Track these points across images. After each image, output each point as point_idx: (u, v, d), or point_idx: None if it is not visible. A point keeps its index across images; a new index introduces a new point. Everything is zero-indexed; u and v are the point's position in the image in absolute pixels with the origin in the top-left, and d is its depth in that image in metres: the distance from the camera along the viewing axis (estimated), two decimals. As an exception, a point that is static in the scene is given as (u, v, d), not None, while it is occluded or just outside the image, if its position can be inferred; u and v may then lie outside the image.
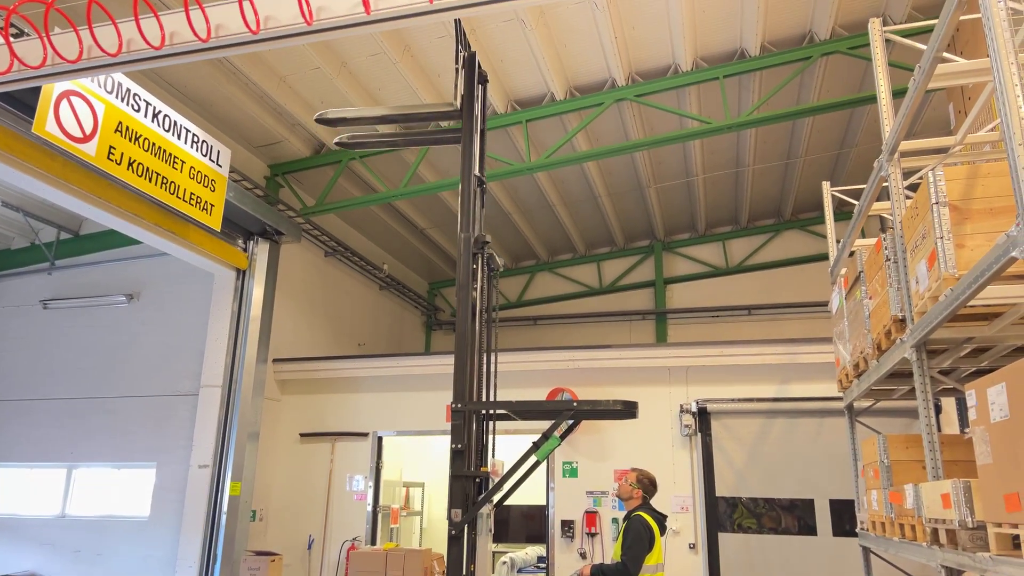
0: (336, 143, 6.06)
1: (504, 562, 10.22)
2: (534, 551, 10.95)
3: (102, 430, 10.79)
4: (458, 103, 5.53)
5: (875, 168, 5.74)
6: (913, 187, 6.09)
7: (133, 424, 10.66)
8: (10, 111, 6.85)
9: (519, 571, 10.25)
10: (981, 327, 4.58)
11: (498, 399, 5.80)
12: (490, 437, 5.63)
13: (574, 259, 16.17)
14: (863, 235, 8.17)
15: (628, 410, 5.21)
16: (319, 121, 5.80)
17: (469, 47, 5.82)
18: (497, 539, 12.04)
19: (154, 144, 7.67)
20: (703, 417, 9.28)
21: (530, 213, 13.87)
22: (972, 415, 3.60)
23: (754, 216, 14.78)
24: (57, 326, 11.64)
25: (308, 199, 11.75)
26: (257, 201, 9.99)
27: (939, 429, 6.22)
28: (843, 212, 12.90)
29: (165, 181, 7.81)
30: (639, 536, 4.84)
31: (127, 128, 7.30)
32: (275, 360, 10.75)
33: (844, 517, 8.51)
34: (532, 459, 5.15)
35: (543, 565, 10.00)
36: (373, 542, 10.19)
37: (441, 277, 16.91)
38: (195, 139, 8.33)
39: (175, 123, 8.02)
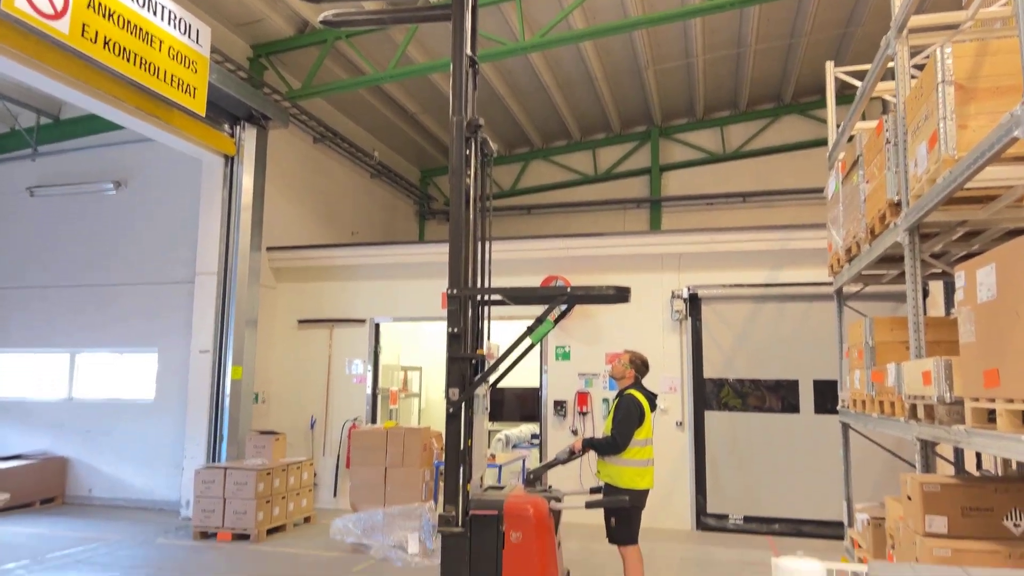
0: (321, 21, 5.77)
1: (500, 439, 10.68)
2: (528, 429, 11.43)
3: (102, 317, 10.94)
4: None
5: (882, 46, 5.55)
6: (920, 68, 5.91)
7: (132, 311, 10.79)
8: (-26, -15, 6.45)
9: (513, 447, 10.74)
10: (976, 210, 4.58)
11: (493, 286, 5.85)
12: (485, 322, 5.74)
13: (569, 146, 15.88)
14: (864, 118, 8.01)
15: (620, 295, 5.28)
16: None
17: None
18: (492, 419, 12.53)
19: (129, 22, 7.31)
20: (694, 303, 9.45)
21: (524, 96, 13.48)
22: (959, 296, 3.66)
23: (754, 100, 14.41)
24: (46, 214, 11.53)
25: (294, 82, 11.36)
26: (241, 84, 9.65)
27: (925, 312, 6.35)
28: (845, 96, 12.57)
29: (144, 62, 7.50)
30: (629, 412, 5.04)
31: (100, 4, 6.93)
32: (269, 248, 10.75)
33: (826, 396, 8.85)
34: (526, 342, 5.27)
35: (536, 441, 10.47)
36: (373, 422, 10.60)
37: (433, 165, 16.65)
38: (172, 16, 7.93)
39: (150, -2, 7.60)
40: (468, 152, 5.33)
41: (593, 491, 5.39)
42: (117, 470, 10.52)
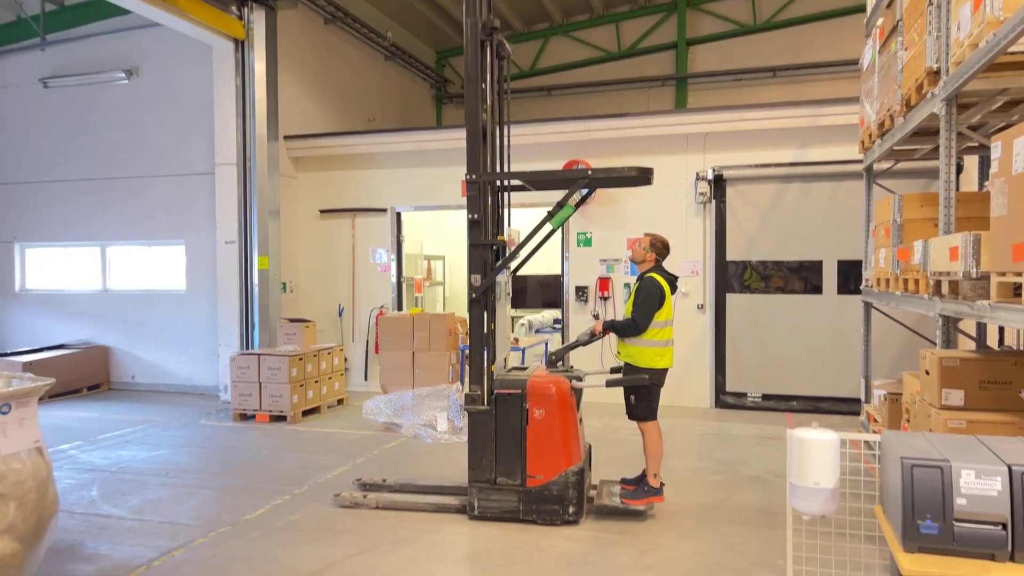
0: None
1: (523, 324, 10.88)
2: (550, 314, 11.61)
3: (127, 210, 11.06)
4: None
5: None
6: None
7: (156, 203, 10.89)
8: None
9: (536, 331, 10.96)
10: (1018, 76, 4.34)
11: (513, 171, 5.77)
12: (506, 209, 5.70)
13: (591, 20, 15.12)
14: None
15: (642, 176, 5.18)
16: None
17: None
18: (515, 305, 12.72)
19: None
20: (718, 184, 9.27)
21: (542, -32, 12.73)
22: (994, 168, 3.54)
23: (788, -36, 13.47)
24: (62, 106, 11.43)
25: (301, -42, 10.80)
26: (246, -38, 9.21)
27: (958, 188, 6.16)
28: (888, -44, 11.67)
29: (143, -60, 7.15)
30: (650, 294, 5.06)
31: None
32: (286, 137, 10.63)
33: (850, 277, 8.80)
34: (547, 227, 5.25)
35: (558, 326, 10.65)
36: (399, 309, 10.82)
37: (449, 45, 16.02)
38: None
39: None
40: (484, 57, 5.07)
41: (614, 371, 5.52)
42: (157, 357, 10.98)
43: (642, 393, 5.12)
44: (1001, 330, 7.64)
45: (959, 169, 8.05)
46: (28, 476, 3.45)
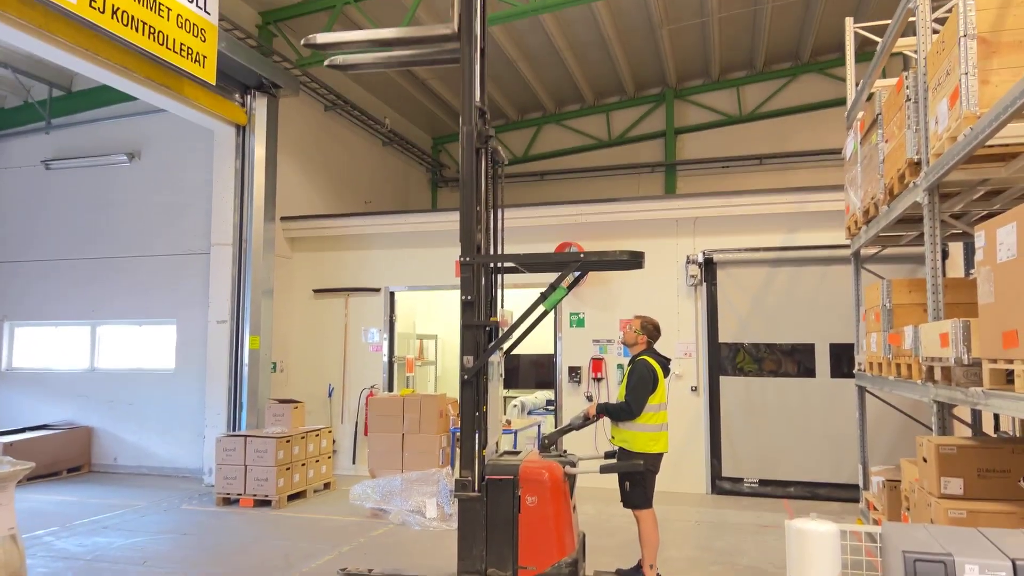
0: (328, 65, 5.70)
1: (515, 405, 10.76)
2: (543, 395, 11.50)
3: (121, 289, 11.07)
4: (456, 25, 5.05)
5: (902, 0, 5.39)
6: (941, 22, 5.74)
7: (150, 282, 10.91)
8: (-20, -44, 6.42)
9: (529, 413, 10.82)
10: (997, 168, 4.48)
11: (506, 253, 5.83)
12: (499, 290, 5.74)
13: (582, 110, 15.66)
14: (884, 76, 7.83)
15: (634, 260, 5.24)
16: (307, 46, 5.42)
17: None
18: (508, 386, 12.62)
19: (136, -10, 7.24)
20: (709, 267, 9.39)
21: (536, 60, 13.27)
22: (979, 256, 3.60)
23: (771, 59, 14.10)
24: (61, 187, 11.61)
25: (303, 50, 11.24)
26: (251, 52, 9.58)
27: (944, 274, 6.27)
28: (864, 53, 12.27)
29: (152, 31, 7.45)
30: (643, 378, 5.04)
31: (106, -27, 6.86)
32: (283, 218, 10.78)
33: (843, 360, 8.80)
34: (540, 309, 5.26)
35: (551, 407, 10.53)
36: (390, 389, 10.71)
37: (445, 131, 16.51)
38: (179, -16, 7.84)
39: (156, -34, 7.52)
40: (479, 163, 5.26)
41: (608, 456, 5.43)
42: (141, 439, 10.74)
43: (637, 479, 5.01)
44: (996, 416, 7.60)
45: (944, 255, 8.21)
46: (0, 565, 3.31)
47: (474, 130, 5.10)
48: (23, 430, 10.46)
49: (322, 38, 5.47)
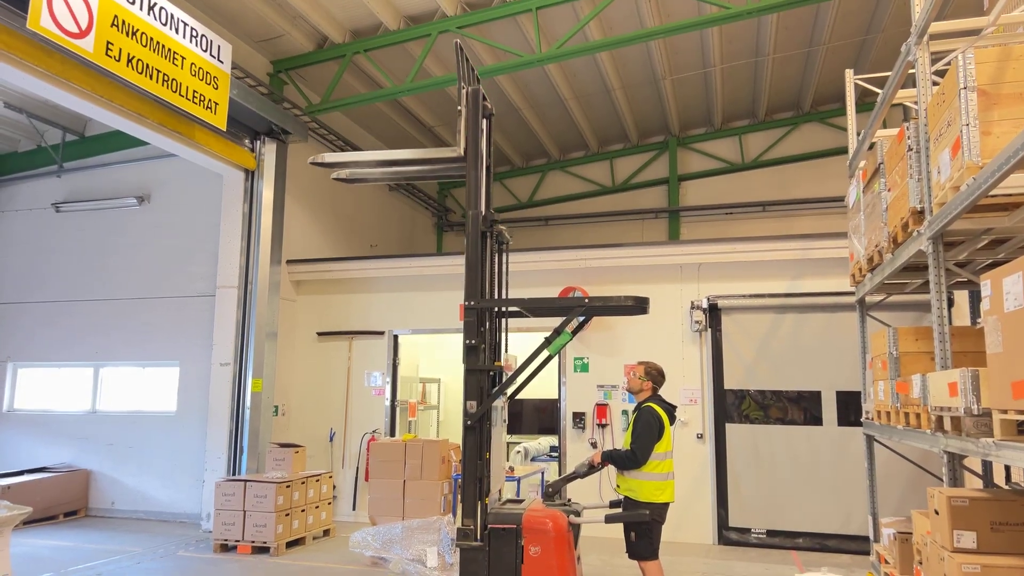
0: (334, 178, 5.88)
1: (518, 451, 10.62)
2: (547, 441, 11.36)
3: (124, 331, 11.08)
4: (462, 149, 5.19)
5: (902, 52, 5.50)
6: (941, 73, 5.84)
7: (154, 325, 10.92)
8: (4, 6, 6.61)
9: (532, 459, 10.67)
10: (1001, 218, 4.50)
11: (511, 298, 5.84)
12: (503, 334, 5.73)
13: (586, 157, 15.87)
14: (884, 126, 7.93)
15: (639, 305, 5.24)
16: (313, 163, 5.59)
17: (474, 79, 5.48)
18: (511, 431, 12.49)
19: (152, 39, 7.44)
20: (713, 313, 9.37)
21: (541, 109, 13.51)
22: (985, 305, 3.59)
23: (772, 109, 14.32)
24: (70, 229, 11.73)
25: (313, 97, 11.47)
26: (262, 99, 9.77)
27: (950, 322, 6.24)
28: (865, 103, 12.47)
29: (166, 79, 7.62)
30: (649, 425, 4.99)
31: (124, 22, 7.06)
32: (289, 261, 10.84)
33: (850, 408, 8.71)
34: (544, 354, 5.25)
35: (555, 454, 10.40)
36: (392, 434, 10.60)
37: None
38: (194, 33, 8.05)
39: (172, 16, 7.73)
40: (485, 246, 5.35)
41: (613, 504, 5.34)
42: (139, 482, 10.61)
43: (643, 530, 4.92)
44: (1007, 467, 7.48)
45: (950, 303, 8.19)
46: (-10, 615, 3.24)
47: (480, 213, 5.19)
48: (21, 472, 10.35)
49: (330, 157, 5.63)
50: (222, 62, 8.49)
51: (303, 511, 8.71)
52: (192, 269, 10.81)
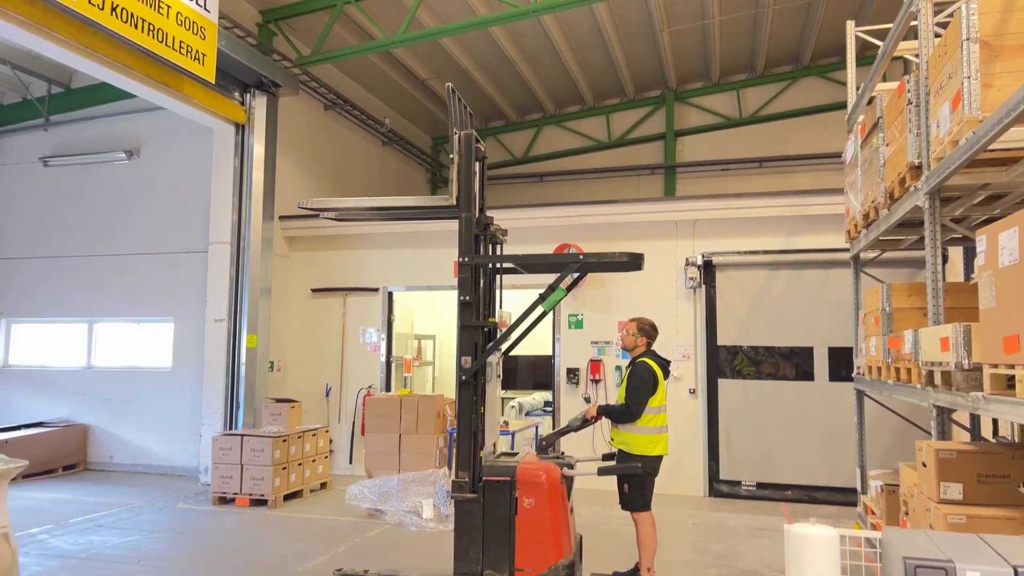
0: (323, 216, 5.79)
1: (513, 406, 10.74)
2: (541, 396, 11.48)
3: (118, 286, 11.04)
4: (455, 197, 5.14)
5: (904, 3, 5.38)
6: (943, 26, 5.73)
7: (147, 280, 10.88)
8: (-21, -49, 6.39)
9: (527, 414, 10.80)
10: (999, 173, 4.47)
11: (505, 254, 5.82)
12: (497, 291, 5.72)
13: (582, 111, 15.66)
14: (884, 80, 7.82)
15: (633, 261, 5.22)
16: (301, 208, 5.54)
17: (468, 122, 5.38)
18: (506, 387, 12.60)
19: (136, -13, 7.22)
20: (708, 270, 9.37)
21: (536, 61, 13.26)
22: (980, 260, 3.59)
23: (771, 62, 14.10)
24: (60, 184, 11.58)
25: (304, 48, 11.23)
26: (251, 50, 9.55)
27: (944, 278, 6.25)
28: (865, 57, 12.26)
29: (152, 28, 7.42)
30: (643, 380, 5.02)
31: (106, -31, 6.84)
32: (281, 217, 10.75)
33: (841, 364, 8.79)
34: (538, 310, 5.24)
35: (549, 409, 10.51)
36: (388, 390, 10.68)
37: (444, 132, 16.49)
38: (179, -19, 7.82)
39: (156, -37, 7.50)
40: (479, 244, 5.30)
41: (606, 457, 5.41)
42: (137, 437, 10.71)
43: (636, 482, 4.99)
44: (995, 421, 7.59)
45: (944, 260, 8.20)
46: (-9, 565, 3.28)
47: (473, 216, 5.15)
48: (19, 427, 10.42)
49: (316, 203, 5.64)
50: (209, 11, 8.26)
51: (300, 465, 8.81)
52: (184, 225, 10.72)
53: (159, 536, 7.02)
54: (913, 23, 5.32)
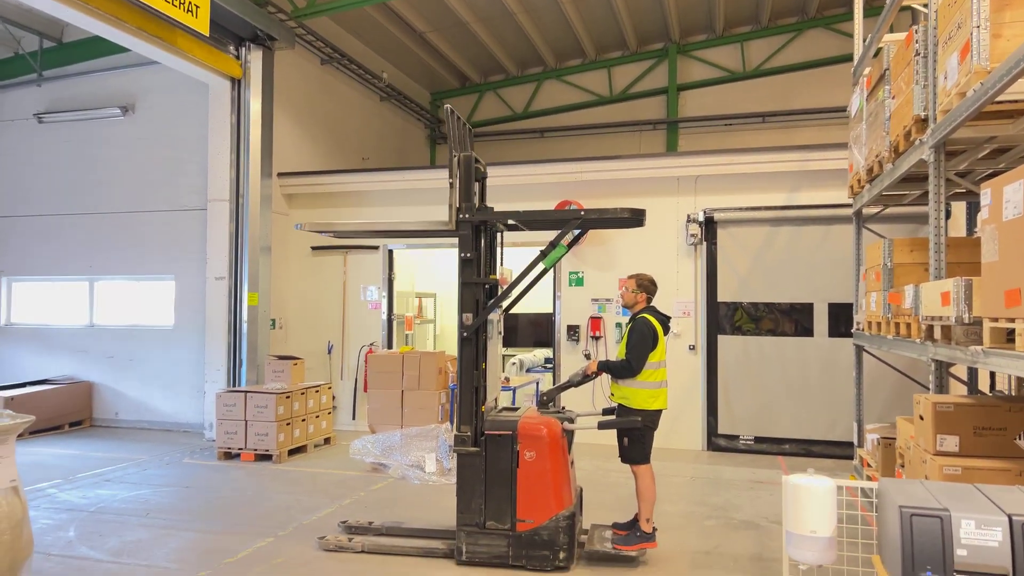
0: (334, 235, 5.78)
1: (514, 363, 10.81)
2: (541, 353, 11.54)
3: (117, 245, 11.01)
4: (454, 224, 5.18)
5: (915, -50, 5.23)
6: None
7: (147, 239, 10.84)
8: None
9: (527, 371, 10.88)
10: (1005, 126, 4.42)
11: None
12: (498, 248, 5.71)
13: (584, 65, 15.39)
14: (892, 31, 7.66)
15: (635, 218, 5.20)
16: (298, 230, 5.52)
17: (469, 143, 5.33)
18: (507, 344, 12.64)
19: (126, -64, 7.03)
20: (709, 226, 9.33)
21: (537, 12, 12.98)
22: (984, 214, 3.56)
23: (776, 13, 13.80)
24: (56, 142, 11.45)
25: (299, 0, 10.98)
26: (245, 2, 9.34)
27: (947, 233, 6.21)
28: (873, 8, 12.01)
29: (143, -21, 7.25)
30: (643, 335, 5.04)
31: (93, -83, 6.65)
32: (280, 174, 10.66)
33: (841, 320, 8.82)
34: (539, 267, 5.24)
35: (550, 366, 10.59)
36: (389, 347, 10.74)
37: (444, 87, 16.25)
38: (170, -70, 7.61)
39: (145, -89, 7.28)
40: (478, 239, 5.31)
41: (606, 412, 5.46)
42: (141, 394, 10.81)
43: (635, 435, 5.05)
44: (992, 375, 7.64)
45: (947, 215, 8.15)
46: (3, 517, 3.34)
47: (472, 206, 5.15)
48: (23, 385, 10.52)
49: (310, 226, 5.65)
50: (201, -38, 8.07)
51: (303, 420, 8.92)
52: (182, 182, 10.64)
53: (167, 490, 7.14)
54: (923, -29, 5.19)
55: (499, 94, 16.06)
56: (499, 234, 5.71)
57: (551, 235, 5.21)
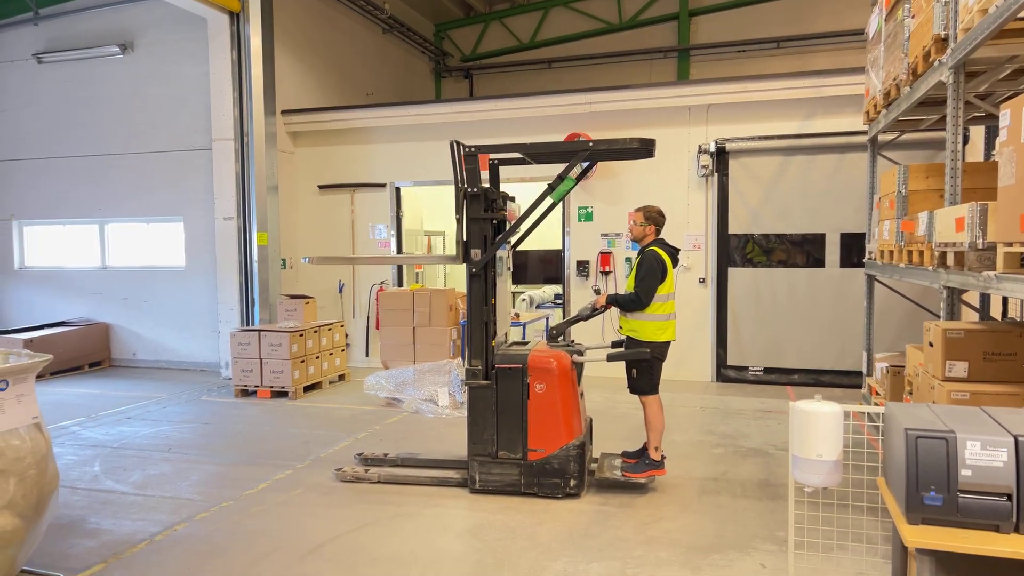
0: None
1: (523, 299, 10.86)
2: (551, 290, 11.58)
3: (125, 186, 10.98)
4: (460, 257, 5.21)
5: None
6: None
7: (154, 180, 10.79)
8: None
9: (537, 307, 10.94)
10: (1028, 44, 4.25)
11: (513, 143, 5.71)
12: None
13: (592, -9, 14.88)
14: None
15: (645, 148, 5.11)
16: (305, 263, 5.50)
17: (477, 176, 5.19)
18: (516, 281, 12.67)
19: None
20: (721, 157, 9.17)
21: (542, -63, 12.49)
22: (1002, 136, 3.47)
23: (793, -68, 13.22)
24: (55, 81, 11.29)
25: (296, -72, 10.60)
26: (240, -68, 9.04)
27: (964, 158, 6.06)
28: (894, -77, 11.44)
29: (133, -92, 6.99)
30: (652, 268, 5.02)
31: None
32: (283, 112, 10.51)
33: (853, 250, 8.74)
34: (548, 201, 5.19)
35: (559, 302, 10.63)
36: (400, 285, 10.79)
37: (448, 17, 15.79)
38: None
39: None
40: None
41: (615, 345, 5.49)
42: (158, 334, 10.97)
43: (644, 367, 5.09)
44: (1004, 301, 7.61)
45: (965, 140, 7.96)
46: (27, 452, 3.44)
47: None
48: (41, 327, 10.69)
49: (321, 260, 5.84)
50: None
51: (318, 358, 9.05)
52: (185, 121, 10.51)
53: (186, 426, 7.33)
54: None
55: (505, 23, 15.61)
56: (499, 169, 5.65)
57: (560, 168, 5.13)
